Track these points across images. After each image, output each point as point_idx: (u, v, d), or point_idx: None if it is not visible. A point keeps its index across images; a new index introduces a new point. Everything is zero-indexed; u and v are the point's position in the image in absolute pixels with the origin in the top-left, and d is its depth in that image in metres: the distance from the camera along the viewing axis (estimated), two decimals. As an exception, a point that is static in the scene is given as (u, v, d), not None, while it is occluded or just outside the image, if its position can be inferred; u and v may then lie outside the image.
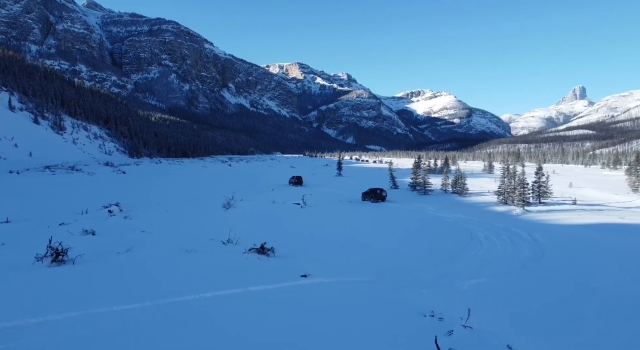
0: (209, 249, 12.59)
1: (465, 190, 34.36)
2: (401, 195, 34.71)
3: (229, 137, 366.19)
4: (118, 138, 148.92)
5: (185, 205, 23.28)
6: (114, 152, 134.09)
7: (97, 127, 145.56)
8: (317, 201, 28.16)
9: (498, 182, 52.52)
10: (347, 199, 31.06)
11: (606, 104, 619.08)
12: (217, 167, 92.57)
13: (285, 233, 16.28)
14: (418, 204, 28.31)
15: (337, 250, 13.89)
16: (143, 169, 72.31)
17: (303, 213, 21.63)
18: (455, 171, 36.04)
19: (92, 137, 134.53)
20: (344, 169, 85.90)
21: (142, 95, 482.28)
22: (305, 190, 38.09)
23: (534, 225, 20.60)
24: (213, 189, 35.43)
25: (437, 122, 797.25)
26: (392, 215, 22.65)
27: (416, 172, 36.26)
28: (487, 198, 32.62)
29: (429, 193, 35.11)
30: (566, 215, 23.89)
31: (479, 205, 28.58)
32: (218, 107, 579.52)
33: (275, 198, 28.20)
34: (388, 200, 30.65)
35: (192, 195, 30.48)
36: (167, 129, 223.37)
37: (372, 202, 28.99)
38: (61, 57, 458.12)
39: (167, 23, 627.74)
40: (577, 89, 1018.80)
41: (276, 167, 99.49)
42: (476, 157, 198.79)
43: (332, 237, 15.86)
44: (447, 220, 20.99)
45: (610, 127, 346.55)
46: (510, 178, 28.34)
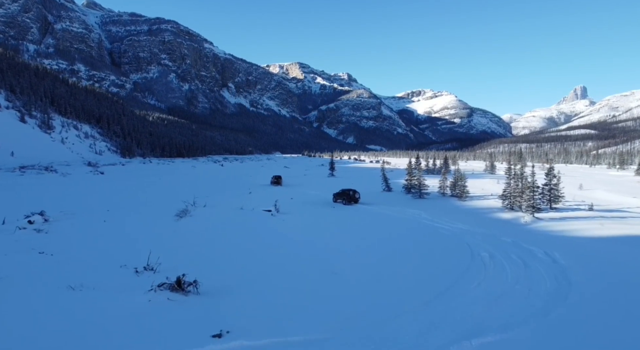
0: (107, 282, 9.01)
1: (466, 194, 30.69)
2: (393, 199, 31.07)
3: (228, 137, 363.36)
4: (110, 137, 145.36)
5: (134, 213, 19.66)
6: (105, 151, 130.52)
7: (89, 126, 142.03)
8: (292, 206, 24.63)
9: (501, 184, 48.88)
10: (329, 203, 27.49)
11: (607, 104, 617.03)
12: (207, 167, 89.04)
13: (233, 253, 12.67)
14: (411, 209, 24.67)
15: (291, 281, 10.27)
16: (127, 170, 68.80)
17: (269, 223, 18.02)
18: (454, 172, 32.39)
19: (83, 137, 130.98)
20: (338, 169, 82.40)
21: (141, 94, 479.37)
22: (286, 191, 34.66)
23: (549, 238, 16.95)
24: (185, 192, 31.84)
25: (438, 122, 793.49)
26: (378, 225, 19.02)
27: (411, 173, 32.62)
28: (490, 202, 28.94)
29: (424, 196, 31.49)
30: (585, 224, 20.24)
31: (481, 212, 24.89)
32: (218, 107, 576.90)
33: (246, 203, 24.57)
34: (378, 205, 27.09)
35: (156, 198, 26.89)
36: (164, 129, 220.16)
37: (343, 204, 26.69)
38: (59, 56, 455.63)
39: (166, 22, 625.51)
40: (578, 88, 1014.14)
41: (269, 167, 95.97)
42: (477, 157, 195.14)
43: (292, 260, 12.23)
44: (443, 232, 17.35)
45: (612, 126, 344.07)
46: (517, 180, 24.67)
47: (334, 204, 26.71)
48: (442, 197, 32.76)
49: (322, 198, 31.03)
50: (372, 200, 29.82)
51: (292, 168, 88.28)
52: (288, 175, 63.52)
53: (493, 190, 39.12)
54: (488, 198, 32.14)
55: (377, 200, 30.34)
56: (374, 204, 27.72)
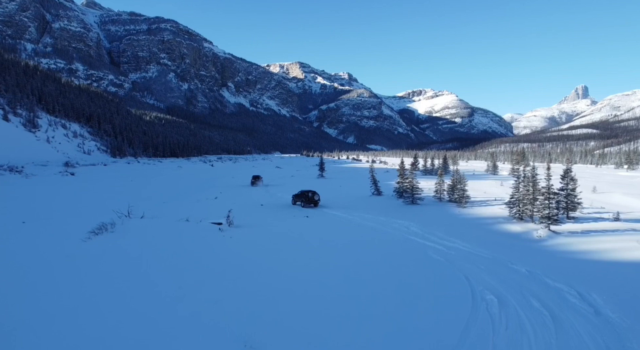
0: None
1: (466, 199, 26.29)
2: (381, 206, 26.69)
3: (227, 137, 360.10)
4: (101, 137, 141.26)
5: (40, 226, 15.29)
6: (94, 151, 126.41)
7: (78, 125, 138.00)
8: (255, 215, 20.40)
9: (505, 186, 44.42)
10: (301, 211, 23.18)
11: (609, 103, 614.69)
12: (194, 167, 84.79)
13: (122, 309, 8.21)
14: (399, 220, 20.28)
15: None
16: (107, 170, 64.59)
17: (208, 245, 13.63)
18: (453, 173, 28.01)
19: (71, 136, 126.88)
20: (332, 169, 78.15)
21: (139, 94, 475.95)
22: (262, 194, 30.48)
23: (576, 265, 12.56)
24: (145, 195, 27.66)
25: (439, 122, 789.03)
26: (350, 246, 14.63)
27: (403, 174, 28.24)
28: (494, 210, 24.52)
29: (418, 202, 27.13)
30: (617, 241, 15.86)
31: (484, 223, 20.49)
32: (217, 107, 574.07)
33: (200, 212, 20.27)
34: (361, 213, 22.74)
35: (98, 205, 22.55)
36: (160, 128, 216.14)
37: (302, 206, 25.04)
38: (57, 55, 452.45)
39: (165, 22, 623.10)
40: (580, 88, 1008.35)
41: (260, 167, 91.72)
42: (478, 156, 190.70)
43: (204, 321, 7.79)
44: (435, 257, 12.93)
45: (614, 126, 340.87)
46: (528, 184, 20.29)
47: (306, 213, 22.36)
48: (438, 203, 28.34)
49: (295, 204, 26.69)
50: (356, 207, 25.48)
51: (284, 168, 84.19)
52: (276, 175, 59.46)
53: (497, 194, 34.72)
54: (491, 204, 27.72)
55: (362, 206, 25.98)
56: (357, 211, 23.34)
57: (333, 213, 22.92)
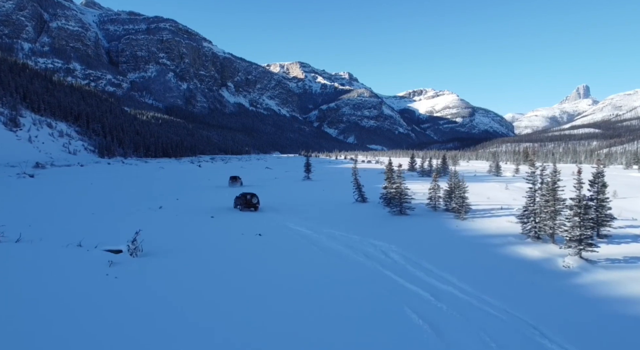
0: None
1: (466, 208, 21.32)
2: (362, 216, 21.77)
3: (225, 137, 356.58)
4: (89, 136, 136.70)
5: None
6: (80, 151, 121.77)
7: (66, 124, 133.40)
8: (189, 232, 15.45)
9: (511, 189, 39.36)
10: (259, 223, 18.28)
11: (611, 103, 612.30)
12: (178, 168, 79.95)
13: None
14: (377, 241, 15.17)
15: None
16: (78, 171, 59.85)
17: (61, 305, 8.64)
18: (450, 175, 23.07)
19: (57, 135, 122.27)
20: (324, 170, 73.36)
21: (138, 94, 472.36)
22: (224, 200, 25.61)
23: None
24: (84, 202, 22.84)
25: (440, 122, 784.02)
26: (300, 292, 9.65)
27: (390, 178, 23.28)
28: (501, 223, 19.55)
29: (407, 212, 22.15)
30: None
31: (489, 244, 15.51)
32: (216, 106, 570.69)
33: (110, 232, 15.30)
34: (333, 228, 17.81)
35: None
36: (157, 128, 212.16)
37: (240, 210, 23.77)
38: (55, 55, 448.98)
39: (165, 21, 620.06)
40: (581, 87, 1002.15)
41: (249, 168, 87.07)
42: (479, 156, 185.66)
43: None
44: (415, 320, 7.92)
45: (617, 125, 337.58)
46: (549, 192, 15.33)
47: (260, 228, 17.38)
48: (432, 213, 23.32)
49: (255, 214, 21.86)
50: (331, 219, 20.56)
51: (274, 169, 79.58)
52: (261, 177, 54.95)
53: (502, 200, 29.78)
54: (497, 214, 22.74)
55: (338, 218, 21.04)
56: (328, 225, 18.39)
57: (297, 228, 17.94)
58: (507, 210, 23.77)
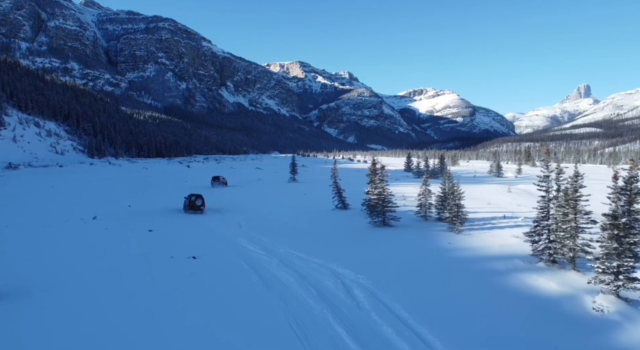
0: None
1: (462, 217, 17.60)
2: (336, 229, 18.11)
3: (224, 136, 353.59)
4: (79, 136, 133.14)
5: None
6: (69, 151, 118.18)
7: (55, 124, 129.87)
8: (62, 272, 11.75)
9: (514, 193, 35.57)
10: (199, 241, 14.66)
11: (612, 102, 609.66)
12: (165, 168, 76.37)
13: None
14: (343, 269, 11.33)
15: None
16: (51, 173, 56.23)
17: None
18: (444, 176, 19.34)
19: (45, 135, 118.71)
20: (314, 171, 69.87)
21: (136, 93, 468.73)
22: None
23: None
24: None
25: (440, 121, 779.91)
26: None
27: (373, 182, 19.56)
28: (505, 239, 15.83)
29: (391, 223, 18.46)
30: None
31: (490, 271, 11.80)
32: (216, 106, 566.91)
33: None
34: (291, 246, 14.20)
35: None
36: (153, 128, 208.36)
37: (184, 212, 23.00)
38: (52, 54, 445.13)
39: (163, 20, 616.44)
40: (582, 87, 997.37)
41: (240, 168, 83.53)
42: (480, 156, 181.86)
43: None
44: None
45: (618, 125, 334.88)
46: (568, 204, 11.63)
47: (195, 253, 13.58)
48: (422, 223, 19.60)
49: (209, 223, 18.21)
50: (297, 232, 16.92)
51: (265, 170, 76.09)
52: (247, 178, 51.75)
53: (505, 205, 26.11)
54: (499, 224, 19.03)
55: (306, 230, 17.40)
56: (291, 241, 14.78)
57: (248, 247, 14.28)
58: (511, 220, 20.07)
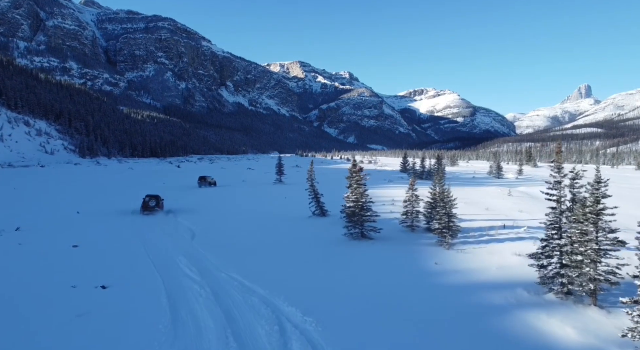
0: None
1: (454, 228, 14.74)
2: (309, 240, 15.40)
3: (223, 136, 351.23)
4: (71, 135, 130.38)
5: None
6: (59, 151, 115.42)
7: (46, 123, 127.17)
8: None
9: (515, 197, 32.61)
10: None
11: (612, 102, 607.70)
12: (151, 168, 73.64)
13: None
14: (285, 306, 8.40)
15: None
16: (24, 174, 53.31)
17: None
18: (434, 179, 16.45)
19: (34, 134, 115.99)
20: (305, 171, 66.94)
21: (135, 93, 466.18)
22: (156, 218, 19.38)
23: None
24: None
25: (440, 121, 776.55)
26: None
27: (351, 186, 16.66)
28: (505, 258, 12.92)
29: (370, 235, 15.60)
30: None
31: (487, 308, 8.87)
32: (215, 106, 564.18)
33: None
34: (241, 268, 11.25)
35: None
36: (151, 128, 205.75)
37: (142, 214, 22.38)
38: (51, 54, 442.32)
39: (163, 20, 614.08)
40: (583, 87, 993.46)
41: (232, 168, 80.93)
42: (480, 156, 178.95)
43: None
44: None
45: (620, 125, 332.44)
46: (587, 218, 8.75)
47: (109, 279, 10.70)
48: (407, 235, 16.72)
49: (154, 235, 15.39)
50: (256, 245, 14.19)
51: (257, 170, 73.39)
52: (234, 179, 49.13)
53: (504, 211, 23.28)
54: (499, 237, 16.15)
55: (269, 243, 14.64)
56: (240, 261, 11.95)
57: (184, 269, 11.45)
58: (512, 230, 17.21)
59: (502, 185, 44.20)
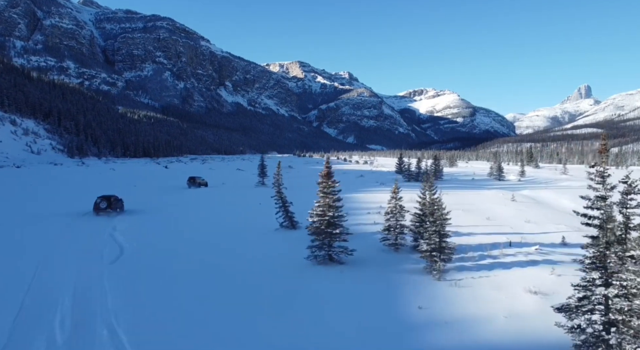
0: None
1: (448, 251, 11.29)
2: (264, 262, 12.29)
3: (221, 136, 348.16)
4: (60, 135, 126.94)
5: None
6: (47, 150, 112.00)
7: (34, 122, 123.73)
8: None
9: (519, 202, 29.10)
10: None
11: (613, 103, 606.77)
12: (135, 169, 70.11)
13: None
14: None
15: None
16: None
17: None
18: (424, 185, 12.93)
19: (21, 133, 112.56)
20: (299, 172, 63.88)
21: (133, 93, 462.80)
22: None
23: None
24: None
25: (440, 121, 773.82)
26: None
27: (323, 194, 13.17)
28: (515, 298, 9.48)
29: (340, 257, 12.11)
30: None
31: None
32: (214, 106, 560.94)
33: None
34: (162, 299, 7.94)
35: None
36: (147, 127, 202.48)
37: (95, 215, 21.45)
38: (48, 53, 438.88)
39: (162, 19, 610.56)
40: (583, 87, 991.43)
41: (221, 169, 77.66)
42: (480, 156, 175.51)
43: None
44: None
45: (620, 125, 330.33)
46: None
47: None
48: (389, 256, 13.30)
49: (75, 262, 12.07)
50: (187, 275, 10.84)
51: (247, 171, 70.06)
52: (218, 180, 46.07)
53: (509, 221, 19.88)
54: (504, 261, 12.69)
55: (211, 269, 11.30)
56: (151, 299, 8.52)
57: (53, 327, 7.90)
58: (520, 249, 13.79)
59: (504, 188, 40.84)
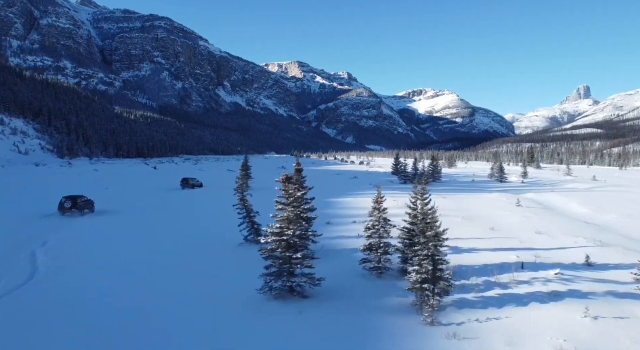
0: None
1: (444, 282, 8.43)
2: (206, 296, 9.50)
3: (219, 137, 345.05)
4: (50, 134, 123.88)
5: None
6: (35, 150, 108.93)
7: (23, 121, 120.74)
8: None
9: (524, 208, 26.17)
10: None
11: (612, 103, 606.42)
12: (121, 170, 67.26)
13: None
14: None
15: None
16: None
17: None
18: (416, 191, 9.98)
19: (9, 133, 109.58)
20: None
21: (131, 92, 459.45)
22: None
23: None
24: None
25: (439, 122, 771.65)
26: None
27: (281, 205, 10.28)
28: (537, 346, 6.60)
29: (304, 290, 9.20)
30: None
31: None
32: (212, 106, 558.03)
33: None
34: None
35: None
36: (144, 127, 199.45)
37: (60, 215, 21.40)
38: (44, 52, 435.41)
39: (160, 19, 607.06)
40: (582, 87, 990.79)
41: (211, 169, 75.01)
42: (479, 157, 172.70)
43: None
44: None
45: (619, 125, 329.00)
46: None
47: None
48: (370, 285, 10.44)
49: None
50: (106, 314, 7.95)
51: (236, 172, 66.81)
52: (208, 181, 43.18)
53: (516, 231, 17.21)
54: (517, 291, 9.82)
55: (137, 315, 8.35)
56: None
57: None
58: (535, 273, 11.01)
59: (507, 190, 38.04)
